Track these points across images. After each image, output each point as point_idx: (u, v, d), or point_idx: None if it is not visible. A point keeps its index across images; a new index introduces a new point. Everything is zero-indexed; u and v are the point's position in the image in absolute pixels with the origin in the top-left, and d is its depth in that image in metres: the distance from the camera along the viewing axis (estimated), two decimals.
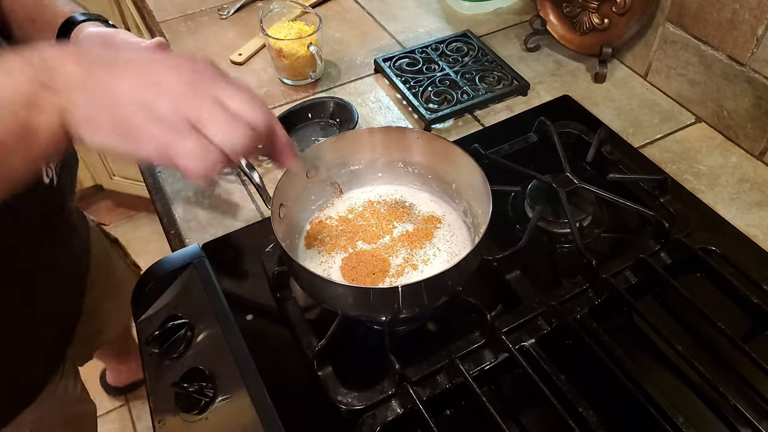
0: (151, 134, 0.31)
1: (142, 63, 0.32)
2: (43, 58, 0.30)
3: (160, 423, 0.49)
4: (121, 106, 0.31)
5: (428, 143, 0.54)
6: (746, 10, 0.64)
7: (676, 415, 0.44)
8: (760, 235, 0.61)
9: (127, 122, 0.31)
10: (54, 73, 0.30)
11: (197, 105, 0.31)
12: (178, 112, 0.31)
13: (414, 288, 0.44)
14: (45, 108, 0.30)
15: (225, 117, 0.32)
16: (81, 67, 0.30)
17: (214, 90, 0.32)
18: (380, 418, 0.46)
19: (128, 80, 0.31)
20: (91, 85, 0.30)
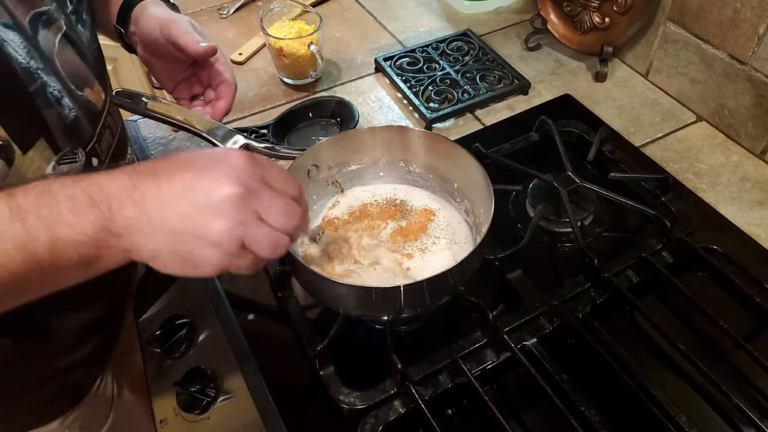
0: (210, 260, 0.34)
1: (190, 184, 0.34)
2: (106, 198, 0.33)
3: (162, 422, 0.49)
4: (180, 243, 0.34)
5: (430, 142, 0.54)
6: (747, 8, 0.64)
7: (679, 415, 0.44)
8: (762, 234, 0.61)
9: (187, 254, 0.34)
10: (115, 216, 0.33)
11: (244, 230, 0.34)
12: (229, 238, 0.34)
13: (416, 287, 0.44)
14: (110, 249, 0.33)
15: (268, 235, 0.36)
16: (136, 208, 0.33)
17: (256, 205, 0.35)
18: (382, 418, 0.46)
19: (181, 212, 0.34)
20: (149, 229, 0.33)
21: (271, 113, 0.74)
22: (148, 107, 0.54)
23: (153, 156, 0.71)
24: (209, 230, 0.34)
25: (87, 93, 0.48)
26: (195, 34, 0.54)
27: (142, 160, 0.70)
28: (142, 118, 0.74)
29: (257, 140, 0.55)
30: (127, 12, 0.57)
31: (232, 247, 0.34)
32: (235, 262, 0.35)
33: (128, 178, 0.34)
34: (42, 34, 0.43)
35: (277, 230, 0.36)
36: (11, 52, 0.39)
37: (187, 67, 0.59)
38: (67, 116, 0.44)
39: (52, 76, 0.43)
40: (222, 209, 0.34)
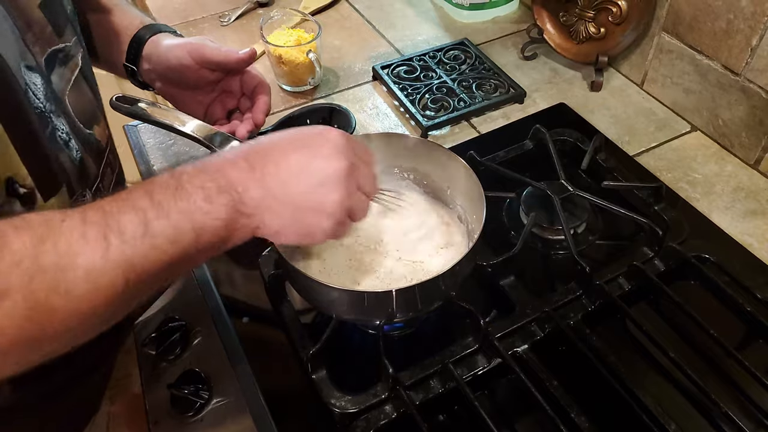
0: (324, 229, 0.39)
1: (306, 164, 0.38)
2: (231, 182, 0.36)
3: (156, 425, 0.49)
4: (302, 216, 0.38)
5: (424, 149, 0.55)
6: (741, 20, 0.65)
7: (668, 422, 0.44)
8: (755, 244, 0.61)
9: (307, 227, 0.39)
10: (243, 197, 0.36)
11: (351, 200, 0.39)
12: (341, 208, 0.39)
13: (408, 292, 0.44)
14: (241, 228, 0.37)
15: (363, 202, 0.41)
16: (261, 188, 0.36)
17: (357, 176, 0.40)
18: (373, 422, 0.46)
19: (301, 189, 0.37)
20: (276, 205, 0.37)
21: (269, 120, 0.75)
22: (147, 112, 0.54)
23: (152, 161, 0.72)
24: (327, 202, 0.38)
25: (95, 131, 0.48)
26: (227, 48, 0.56)
27: (141, 166, 0.71)
28: (142, 123, 0.75)
29: None
30: (137, 50, 0.57)
31: (342, 216, 0.39)
32: (339, 229, 0.40)
33: (245, 162, 0.37)
34: (57, 72, 0.44)
35: (368, 196, 0.41)
36: (31, 97, 0.40)
37: (216, 87, 0.60)
38: (75, 158, 0.45)
39: (61, 118, 0.44)
40: (335, 184, 0.38)
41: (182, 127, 0.54)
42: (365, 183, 0.41)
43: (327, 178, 0.38)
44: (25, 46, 0.40)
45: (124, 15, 0.57)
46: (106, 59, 0.58)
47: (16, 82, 0.38)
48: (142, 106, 0.54)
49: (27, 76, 0.39)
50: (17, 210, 0.40)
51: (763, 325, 0.51)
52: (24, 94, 0.39)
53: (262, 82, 0.59)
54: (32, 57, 0.40)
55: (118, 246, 0.31)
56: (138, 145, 0.74)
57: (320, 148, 0.39)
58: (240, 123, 0.59)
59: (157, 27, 0.58)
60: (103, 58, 0.58)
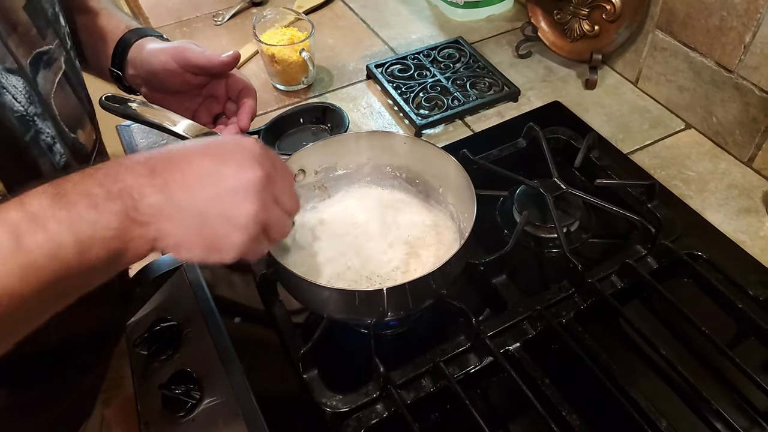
0: (234, 244, 0.35)
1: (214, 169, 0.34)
2: (125, 188, 0.31)
3: (147, 425, 0.49)
4: (207, 226, 0.34)
5: (415, 148, 0.55)
6: (734, 17, 0.65)
7: (660, 420, 0.44)
8: (748, 241, 0.61)
9: (213, 238, 0.34)
10: (139, 204, 0.32)
11: (266, 213, 0.35)
12: (255, 221, 0.34)
13: (399, 290, 0.44)
14: (135, 240, 0.32)
15: (281, 219, 0.37)
16: (161, 194, 0.32)
17: (274, 189, 0.36)
18: (364, 421, 0.46)
19: (207, 195, 0.33)
20: (176, 214, 0.33)
21: (262, 119, 0.75)
22: (137, 112, 0.54)
23: None
24: (237, 213, 0.34)
25: (79, 135, 0.47)
26: (210, 51, 0.55)
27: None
28: (135, 123, 0.75)
29: None
30: (122, 54, 0.56)
31: (256, 231, 0.35)
32: (253, 247, 0.36)
33: (144, 167, 0.33)
34: (41, 75, 0.42)
35: (287, 213, 0.38)
36: (9, 101, 0.38)
37: (201, 92, 0.59)
38: (58, 163, 0.43)
39: (48, 121, 0.42)
40: (249, 192, 0.34)
41: (173, 126, 0.54)
42: (284, 198, 0.37)
43: (238, 185, 0.34)
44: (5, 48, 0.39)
45: (111, 19, 0.57)
46: (93, 64, 0.58)
47: None
48: (133, 105, 0.54)
49: (5, 78, 0.38)
50: None
51: (754, 323, 0.51)
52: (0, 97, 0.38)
53: (247, 86, 0.59)
54: (13, 59, 0.39)
55: None
56: (131, 145, 0.74)
57: (233, 154, 0.35)
58: (225, 127, 0.58)
59: (143, 31, 0.57)
60: (91, 62, 0.57)
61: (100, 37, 0.56)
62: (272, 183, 0.36)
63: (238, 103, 0.59)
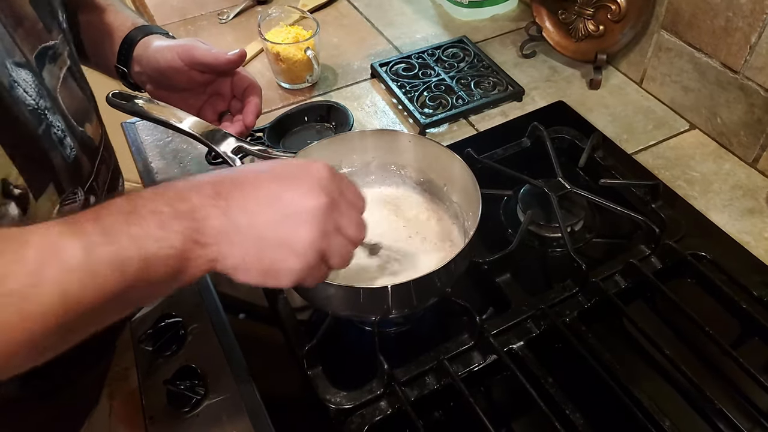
0: (292, 270, 0.34)
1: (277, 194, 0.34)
2: (191, 208, 0.32)
3: (152, 419, 0.50)
4: (266, 251, 0.34)
5: (420, 146, 0.55)
6: (740, 17, 0.64)
7: (663, 419, 0.44)
8: (752, 242, 0.61)
9: (270, 264, 0.34)
10: (202, 225, 0.32)
11: (327, 241, 0.35)
12: (313, 249, 0.34)
13: (403, 288, 0.44)
14: (196, 260, 0.33)
15: (343, 248, 0.37)
16: (224, 217, 0.33)
17: (337, 216, 0.35)
18: (368, 418, 0.46)
19: (268, 220, 0.34)
20: (237, 237, 0.33)
21: (267, 117, 0.75)
22: (144, 109, 0.54)
23: (150, 158, 0.72)
24: (296, 239, 0.34)
25: (87, 129, 0.47)
26: (216, 49, 0.55)
27: (139, 163, 0.71)
28: (141, 120, 0.75)
29: (251, 143, 0.55)
30: (128, 51, 0.56)
31: (314, 258, 0.35)
32: (310, 274, 0.35)
33: (211, 188, 0.33)
34: (47, 69, 0.42)
35: (350, 242, 0.37)
36: (21, 95, 0.38)
37: (206, 89, 0.59)
38: (69, 156, 0.44)
39: (57, 115, 0.42)
40: (309, 219, 0.34)
41: (179, 123, 0.54)
42: (347, 225, 0.36)
43: (299, 211, 0.34)
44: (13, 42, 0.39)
45: (117, 15, 0.57)
46: (96, 59, 0.58)
47: (0, 79, 0.37)
48: (139, 102, 0.54)
49: (15, 72, 0.38)
50: (12, 212, 0.39)
51: (759, 324, 0.51)
52: (9, 91, 0.38)
53: (253, 83, 0.59)
54: (21, 53, 0.39)
55: (53, 271, 0.28)
56: (136, 142, 0.74)
57: (298, 179, 0.35)
58: (230, 124, 0.59)
59: (149, 28, 0.57)
60: (93, 58, 0.57)
61: (106, 33, 0.56)
62: (335, 210, 0.35)
63: (243, 101, 0.59)
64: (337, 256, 0.36)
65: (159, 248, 0.31)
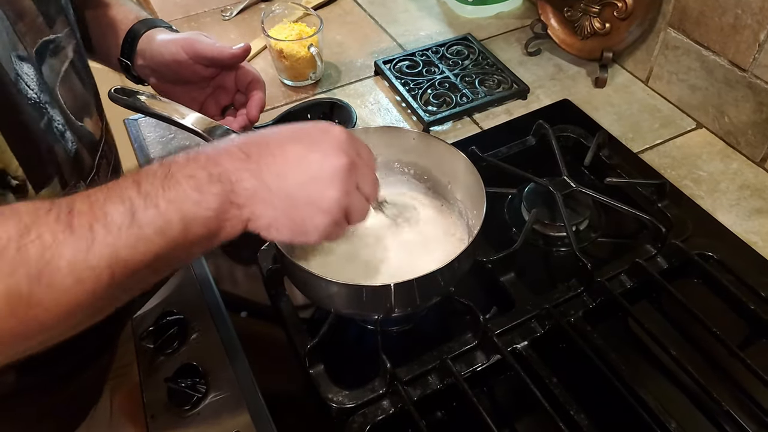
0: (319, 227, 0.37)
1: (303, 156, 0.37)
2: (224, 172, 0.34)
3: (153, 417, 0.49)
4: (296, 210, 0.36)
5: (424, 144, 0.54)
6: (748, 15, 0.64)
7: (668, 420, 0.44)
8: (760, 242, 0.60)
9: (300, 221, 0.37)
10: (236, 187, 0.34)
11: (349, 199, 0.38)
12: (338, 206, 0.37)
13: (406, 286, 0.44)
14: (231, 220, 0.35)
15: (362, 206, 0.39)
16: (255, 179, 0.35)
17: (357, 175, 0.38)
18: (371, 417, 0.46)
19: (297, 181, 0.36)
20: (269, 197, 0.35)
21: (270, 114, 0.75)
22: (146, 104, 0.54)
23: (152, 155, 0.72)
24: (323, 198, 0.36)
25: (86, 123, 0.47)
26: (220, 42, 0.55)
27: (141, 159, 0.71)
28: (143, 117, 0.75)
29: None
30: (132, 45, 0.56)
31: (339, 216, 0.37)
32: (334, 230, 0.38)
33: (240, 152, 0.35)
34: (47, 63, 0.43)
35: (367, 199, 0.40)
36: (23, 88, 0.39)
37: (210, 83, 0.59)
38: (70, 150, 0.44)
39: (56, 109, 0.43)
40: (334, 179, 0.36)
41: (182, 119, 0.54)
42: (365, 184, 0.39)
43: (325, 172, 0.36)
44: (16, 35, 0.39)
45: (120, 9, 0.57)
46: (101, 53, 0.58)
47: (5, 73, 0.38)
48: (141, 98, 0.54)
49: (18, 66, 0.38)
50: (10, 201, 0.39)
51: (766, 324, 0.50)
52: (14, 84, 0.38)
53: (256, 78, 0.59)
54: (23, 47, 0.39)
55: (103, 237, 0.30)
56: (138, 138, 0.74)
57: (321, 142, 0.37)
58: (233, 119, 0.58)
59: (153, 22, 0.57)
60: (98, 51, 0.57)
61: (110, 26, 0.56)
62: (355, 170, 0.38)
63: (247, 95, 0.59)
64: (357, 212, 0.39)
65: (197, 210, 0.33)
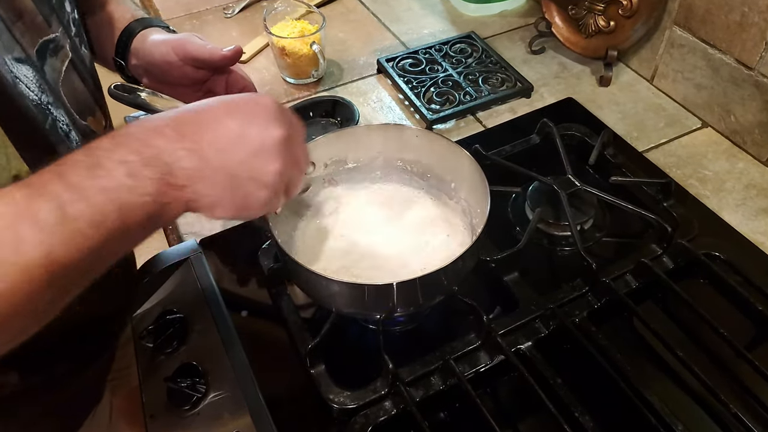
0: (260, 201, 0.36)
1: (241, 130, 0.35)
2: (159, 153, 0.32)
3: (152, 417, 0.49)
4: (238, 185, 0.35)
5: (427, 142, 0.54)
6: (755, 12, 0.63)
7: (675, 423, 0.43)
8: (766, 242, 0.60)
9: (243, 198, 0.36)
10: (173, 168, 0.32)
11: (289, 170, 0.37)
12: (280, 179, 0.37)
13: (409, 285, 0.43)
14: (171, 203, 0.33)
15: (299, 175, 0.39)
16: (195, 157, 0.33)
17: (293, 148, 0.37)
18: (372, 418, 0.45)
19: (237, 158, 0.35)
20: (209, 174, 0.34)
21: None
22: (146, 101, 0.54)
23: None
24: (266, 173, 0.36)
25: (90, 122, 0.47)
26: (212, 44, 0.54)
27: None
28: (144, 114, 0.74)
29: None
30: (126, 44, 0.55)
31: (280, 188, 0.37)
32: (274, 202, 0.37)
33: (172, 131, 0.33)
34: (49, 63, 0.42)
35: (300, 171, 0.40)
36: (24, 90, 0.38)
37: (200, 87, 0.58)
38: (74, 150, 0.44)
39: (61, 109, 0.42)
40: (274, 153, 0.36)
41: None
42: (300, 154, 0.39)
43: (265, 146, 0.35)
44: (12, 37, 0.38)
45: (118, 7, 0.56)
46: (99, 52, 0.57)
47: (3, 77, 0.37)
48: (142, 95, 0.53)
49: (15, 68, 0.38)
50: None
51: None
52: (14, 87, 0.38)
53: (248, 84, 0.57)
54: (21, 49, 0.39)
55: (33, 237, 0.28)
56: None
57: (255, 115, 0.36)
58: None
59: (149, 21, 0.56)
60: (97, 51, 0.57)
61: (107, 25, 0.56)
62: (291, 141, 0.37)
63: None
64: (294, 185, 0.39)
65: (133, 196, 0.31)
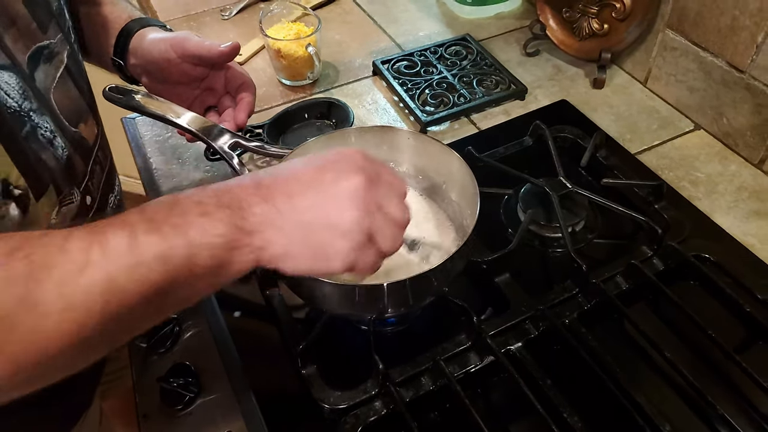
0: (340, 253, 0.34)
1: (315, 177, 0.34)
2: (234, 198, 0.32)
3: (145, 417, 0.49)
4: (312, 234, 0.33)
5: (419, 143, 0.54)
6: (746, 16, 0.63)
7: (663, 424, 0.44)
8: (757, 244, 0.60)
9: (319, 247, 0.34)
10: (246, 213, 0.32)
11: (371, 219, 0.34)
12: (359, 228, 0.34)
13: (399, 286, 0.44)
14: (241, 249, 0.32)
15: (390, 227, 0.36)
16: (268, 204, 0.33)
17: (378, 195, 0.35)
18: (363, 419, 0.46)
19: (310, 203, 0.33)
20: (281, 222, 0.33)
21: (267, 113, 0.75)
22: (141, 103, 0.54)
23: (149, 154, 0.72)
24: (340, 219, 0.33)
25: (80, 129, 0.47)
26: (210, 41, 0.55)
27: (138, 158, 0.71)
28: (140, 116, 0.75)
29: (249, 139, 0.55)
30: (124, 44, 0.56)
31: (361, 238, 0.34)
32: (361, 257, 0.35)
33: (251, 180, 0.34)
34: (41, 69, 0.42)
35: (395, 223, 0.36)
36: (2, 97, 0.38)
37: (199, 84, 0.59)
38: (61, 156, 0.43)
39: (46, 116, 0.42)
40: (350, 198, 0.34)
41: (177, 119, 0.54)
42: (389, 205, 0.36)
43: (340, 191, 0.34)
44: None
45: (114, 8, 0.57)
46: (95, 53, 0.57)
47: None
48: (136, 97, 0.54)
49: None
50: (13, 212, 0.39)
51: (763, 327, 0.50)
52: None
53: (247, 81, 0.58)
54: (6, 55, 0.39)
55: (98, 260, 0.27)
56: (135, 137, 0.74)
57: (335, 162, 0.35)
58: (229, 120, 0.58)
59: (146, 20, 0.57)
60: (92, 52, 0.57)
61: (103, 26, 0.56)
62: (374, 189, 0.35)
63: (236, 97, 0.58)
64: (385, 237, 0.35)
65: (203, 236, 0.30)
